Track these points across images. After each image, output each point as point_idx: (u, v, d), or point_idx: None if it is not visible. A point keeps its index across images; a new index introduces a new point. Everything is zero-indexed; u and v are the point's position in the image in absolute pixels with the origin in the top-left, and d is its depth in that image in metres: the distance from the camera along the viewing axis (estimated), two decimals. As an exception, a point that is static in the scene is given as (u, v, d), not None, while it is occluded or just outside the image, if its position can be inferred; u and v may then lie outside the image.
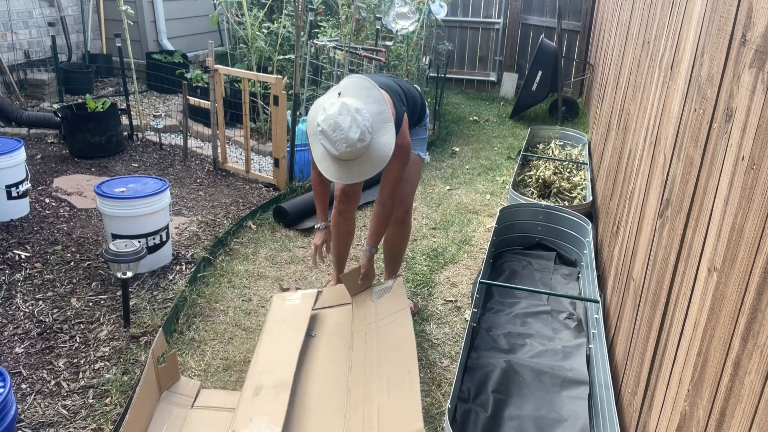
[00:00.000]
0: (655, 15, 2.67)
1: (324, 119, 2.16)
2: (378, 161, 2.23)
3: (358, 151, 2.16)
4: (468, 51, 8.21)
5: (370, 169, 2.23)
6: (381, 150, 2.22)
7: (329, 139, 2.16)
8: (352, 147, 2.14)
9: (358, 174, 2.24)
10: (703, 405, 1.22)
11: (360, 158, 2.21)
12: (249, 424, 2.08)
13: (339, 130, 2.13)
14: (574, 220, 3.36)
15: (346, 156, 2.18)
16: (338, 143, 2.14)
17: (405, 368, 2.24)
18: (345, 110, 2.14)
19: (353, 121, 2.13)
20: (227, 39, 7.43)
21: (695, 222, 1.47)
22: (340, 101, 2.16)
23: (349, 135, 2.12)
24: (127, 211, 3.03)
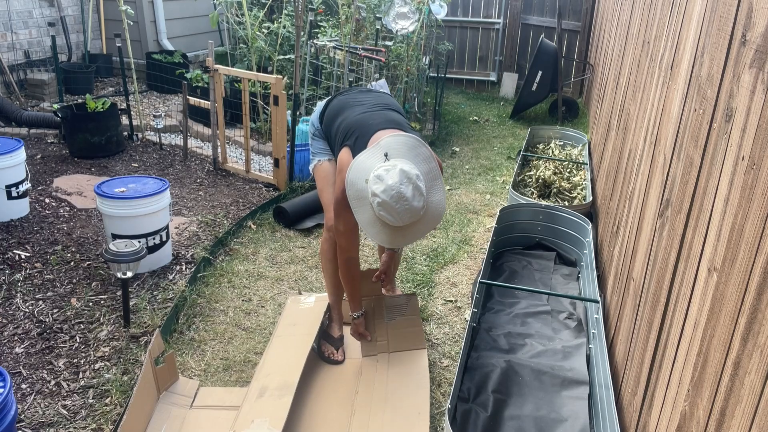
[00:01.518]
0: (655, 15, 2.67)
1: (384, 190, 1.97)
2: (431, 221, 2.12)
3: (419, 218, 2.06)
4: (468, 51, 8.21)
5: (423, 229, 2.12)
6: (435, 209, 2.10)
7: (391, 211, 1.99)
8: (414, 216, 2.02)
9: (411, 236, 2.13)
10: (703, 405, 1.22)
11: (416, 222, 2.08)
12: (250, 425, 2.08)
13: (403, 201, 1.97)
14: (574, 220, 3.36)
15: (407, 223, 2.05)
16: (402, 214, 2.00)
17: (416, 409, 2.26)
18: (406, 179, 1.98)
19: (416, 189, 1.99)
20: (227, 39, 7.43)
21: (695, 222, 1.47)
22: (397, 168, 2.00)
23: (413, 205, 1.99)
24: (127, 211, 3.03)
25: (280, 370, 2.35)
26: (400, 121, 2.35)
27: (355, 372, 2.50)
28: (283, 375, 2.32)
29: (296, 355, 2.42)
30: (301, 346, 2.48)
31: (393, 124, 2.28)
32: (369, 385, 2.41)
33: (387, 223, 2.05)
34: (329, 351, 2.60)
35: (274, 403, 2.17)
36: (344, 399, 2.36)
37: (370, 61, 4.93)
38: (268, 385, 2.27)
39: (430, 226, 2.14)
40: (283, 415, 2.09)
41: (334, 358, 2.57)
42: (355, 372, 2.50)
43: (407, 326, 2.64)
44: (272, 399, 2.19)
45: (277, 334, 2.61)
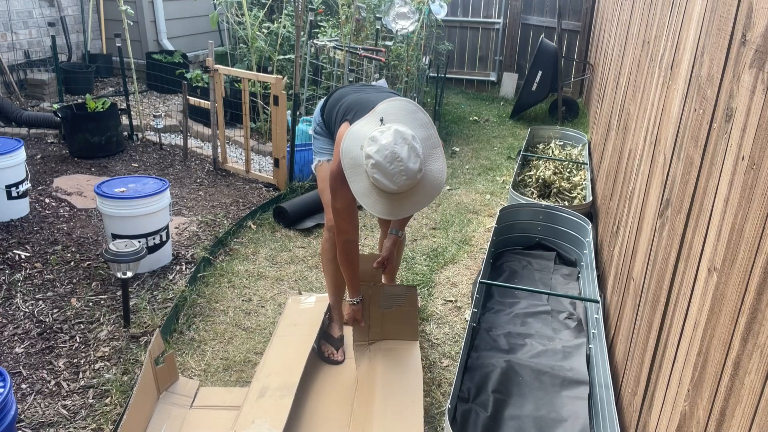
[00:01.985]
0: (655, 15, 2.67)
1: (377, 150, 1.89)
2: (431, 191, 2.01)
3: (415, 182, 1.95)
4: (468, 51, 8.21)
5: (422, 200, 2.01)
6: (434, 178, 2.00)
7: (385, 173, 1.90)
8: (412, 179, 1.92)
9: (409, 207, 2.01)
10: (703, 405, 1.22)
11: (413, 190, 1.98)
12: (251, 425, 2.08)
13: (398, 162, 1.88)
14: (574, 220, 3.36)
15: (403, 188, 1.94)
16: (397, 176, 1.89)
17: (410, 398, 2.27)
18: (401, 138, 1.89)
19: (411, 150, 1.90)
20: (227, 39, 7.43)
21: (695, 222, 1.47)
22: (392, 129, 1.92)
23: (409, 166, 1.89)
24: (127, 211, 3.03)
25: (280, 371, 2.36)
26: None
27: (355, 371, 2.50)
28: (283, 375, 2.32)
29: (297, 356, 2.42)
30: (302, 346, 2.49)
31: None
32: (365, 381, 2.43)
33: (383, 189, 1.96)
34: (329, 351, 2.60)
35: (275, 403, 2.17)
36: (344, 398, 2.36)
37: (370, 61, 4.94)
38: (268, 386, 2.27)
39: (429, 197, 2.02)
40: (284, 415, 2.09)
41: (334, 358, 2.57)
42: (355, 371, 2.50)
43: (402, 317, 2.61)
44: (273, 399, 2.19)
45: (278, 334, 2.61)
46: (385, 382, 2.37)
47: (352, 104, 2.30)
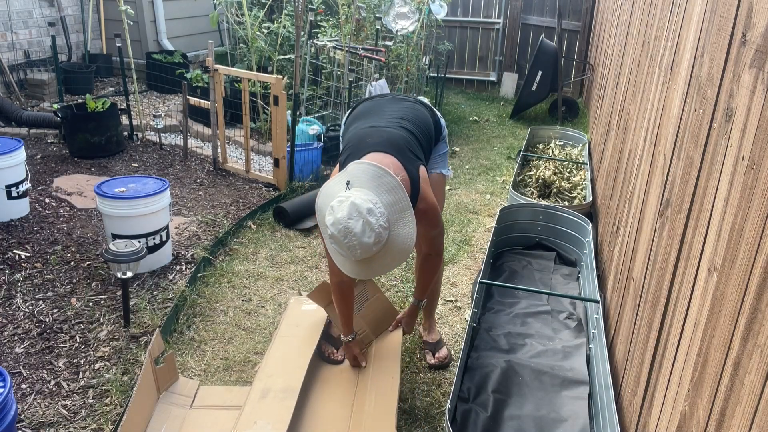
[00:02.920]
0: (655, 15, 2.67)
1: (333, 223, 1.89)
2: (399, 255, 1.99)
3: (375, 253, 1.93)
4: (468, 51, 8.21)
5: (390, 263, 2.01)
6: (401, 243, 1.97)
7: (340, 245, 1.91)
8: (367, 252, 1.90)
9: (378, 269, 2.02)
10: (703, 405, 1.22)
11: (378, 254, 1.97)
12: (253, 426, 2.09)
13: (351, 236, 1.87)
14: (574, 220, 3.36)
15: (362, 258, 1.94)
16: (351, 249, 1.90)
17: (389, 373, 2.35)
18: (355, 213, 1.86)
19: (366, 225, 1.86)
20: (227, 39, 7.43)
21: (695, 222, 1.47)
22: (349, 201, 1.88)
23: (363, 240, 1.87)
24: (127, 211, 3.03)
25: (283, 372, 2.36)
26: (402, 143, 2.20)
27: (355, 371, 2.51)
28: (286, 377, 2.32)
29: (299, 358, 2.43)
30: (304, 349, 2.49)
31: (388, 147, 2.14)
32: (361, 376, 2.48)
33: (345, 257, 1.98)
34: (329, 351, 2.60)
35: (277, 405, 2.17)
36: (344, 399, 2.36)
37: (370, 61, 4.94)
38: (271, 387, 2.27)
39: (398, 260, 2.01)
40: (287, 418, 2.09)
41: (334, 358, 2.57)
42: (355, 371, 2.51)
43: (376, 307, 2.69)
44: (275, 401, 2.19)
45: (280, 334, 2.62)
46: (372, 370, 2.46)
47: (351, 141, 2.24)
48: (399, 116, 2.33)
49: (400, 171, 2.09)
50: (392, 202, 1.97)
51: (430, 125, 2.43)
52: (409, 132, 2.27)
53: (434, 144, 2.50)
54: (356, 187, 1.96)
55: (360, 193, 1.92)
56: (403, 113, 2.35)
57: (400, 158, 2.13)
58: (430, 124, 2.43)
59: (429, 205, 2.19)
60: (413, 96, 2.71)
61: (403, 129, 2.26)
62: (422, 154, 2.29)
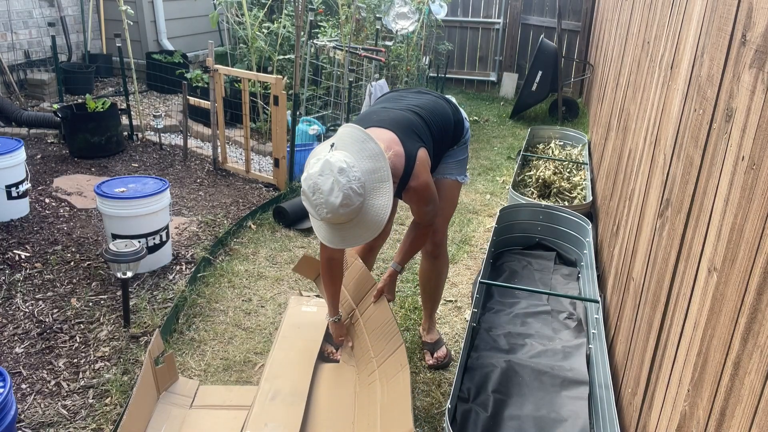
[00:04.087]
0: (655, 15, 2.67)
1: (305, 179, 1.89)
2: (372, 226, 1.94)
3: (343, 216, 1.88)
4: (468, 51, 8.21)
5: (363, 234, 1.96)
6: (374, 214, 1.93)
7: (309, 202, 1.89)
8: (333, 213, 1.86)
9: (351, 239, 1.97)
10: (703, 405, 1.22)
11: (351, 222, 1.93)
12: (264, 428, 2.11)
13: (319, 193, 1.85)
14: (574, 220, 3.36)
15: (331, 221, 1.92)
16: (318, 208, 1.87)
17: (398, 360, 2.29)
18: (327, 170, 1.84)
19: (335, 183, 1.83)
20: (227, 39, 7.43)
21: (695, 222, 1.47)
22: (324, 158, 1.87)
23: (329, 199, 1.84)
24: (127, 211, 3.03)
25: (289, 374, 2.40)
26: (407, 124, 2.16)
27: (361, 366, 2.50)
28: (293, 380, 2.36)
29: (304, 361, 2.47)
30: (308, 351, 2.52)
31: (391, 125, 2.12)
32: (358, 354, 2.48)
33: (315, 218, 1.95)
34: (329, 350, 2.60)
35: (287, 409, 2.21)
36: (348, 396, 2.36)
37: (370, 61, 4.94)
38: (279, 389, 2.31)
39: (370, 231, 1.96)
40: (297, 422, 2.14)
41: (334, 358, 2.57)
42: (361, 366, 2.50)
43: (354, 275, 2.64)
44: (284, 405, 2.23)
45: (282, 335, 2.62)
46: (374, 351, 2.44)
47: (358, 119, 2.24)
48: (415, 104, 2.30)
49: (395, 145, 2.06)
50: (371, 169, 1.93)
51: (449, 120, 2.36)
52: (421, 118, 2.23)
53: (454, 141, 2.42)
54: (339, 149, 1.94)
55: (339, 154, 1.90)
56: (422, 103, 2.32)
57: (400, 135, 2.10)
58: (449, 119, 2.36)
59: (420, 183, 2.13)
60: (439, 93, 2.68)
61: (415, 114, 2.23)
62: (431, 142, 2.23)
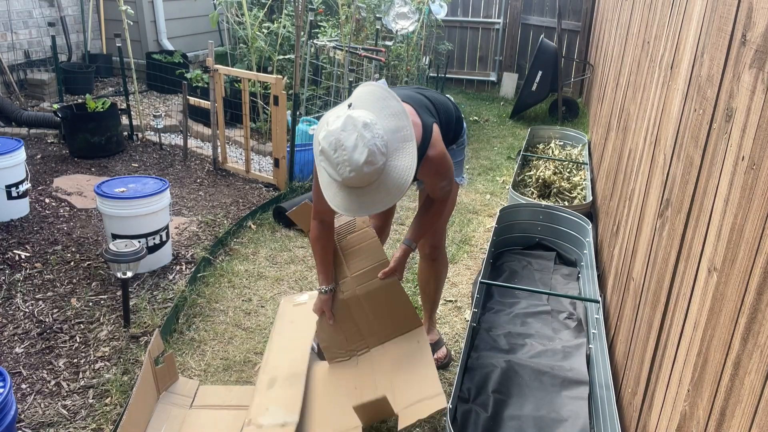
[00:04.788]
0: (655, 15, 2.67)
1: (325, 136, 1.76)
2: (394, 189, 1.81)
3: (366, 176, 1.76)
4: (468, 51, 8.21)
5: (384, 199, 1.82)
6: (398, 176, 1.81)
7: (330, 161, 1.76)
8: (357, 172, 1.73)
9: (369, 205, 1.83)
10: (703, 405, 1.22)
11: (372, 185, 1.80)
12: (265, 412, 2.10)
13: (341, 150, 1.72)
14: (574, 220, 3.36)
15: (352, 182, 1.78)
16: (340, 166, 1.74)
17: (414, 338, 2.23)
18: (350, 125, 1.73)
19: (359, 138, 1.72)
20: (227, 39, 7.43)
21: (695, 222, 1.47)
22: (346, 114, 1.76)
23: (353, 156, 1.71)
24: (127, 211, 3.03)
25: (286, 363, 2.38)
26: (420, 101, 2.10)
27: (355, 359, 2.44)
28: (290, 366, 2.34)
29: (299, 349, 2.44)
30: (302, 339, 2.50)
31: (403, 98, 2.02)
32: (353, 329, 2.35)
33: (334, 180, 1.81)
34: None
35: (286, 392, 2.19)
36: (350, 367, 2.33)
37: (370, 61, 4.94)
38: (277, 377, 2.29)
39: (392, 196, 1.82)
40: (298, 401, 2.12)
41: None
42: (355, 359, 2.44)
43: (360, 242, 2.38)
44: (283, 389, 2.22)
45: (277, 332, 2.62)
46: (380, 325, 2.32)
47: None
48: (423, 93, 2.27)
49: (412, 115, 1.98)
50: (394, 128, 1.82)
51: (452, 113, 2.33)
52: (430, 102, 2.18)
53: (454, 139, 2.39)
54: (359, 108, 1.82)
55: (361, 111, 1.79)
56: (428, 93, 2.29)
57: (415, 107, 2.04)
58: (452, 113, 2.33)
59: (438, 152, 2.02)
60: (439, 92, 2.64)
61: (425, 98, 2.19)
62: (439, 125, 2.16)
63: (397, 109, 1.85)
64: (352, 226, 2.43)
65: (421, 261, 2.60)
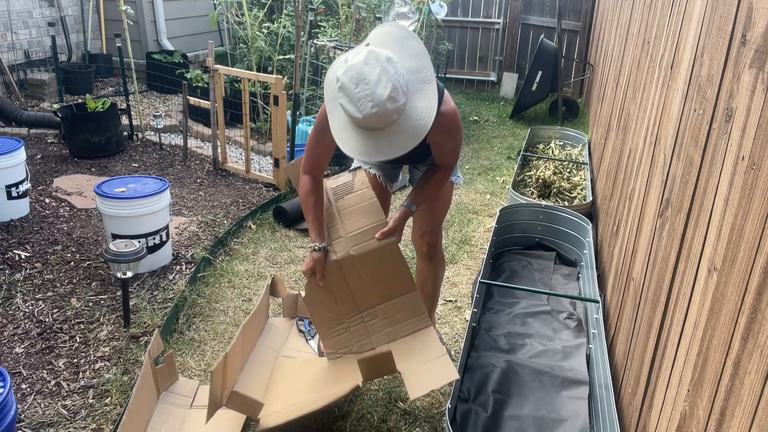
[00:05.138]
0: (655, 15, 2.67)
1: (345, 71, 1.69)
2: (414, 132, 1.74)
3: (388, 114, 1.69)
4: (468, 51, 8.21)
5: (402, 142, 1.74)
6: (418, 117, 1.73)
7: (350, 98, 1.68)
8: (380, 107, 1.66)
9: (387, 148, 1.75)
10: (703, 405, 1.22)
11: (390, 127, 1.73)
12: None
13: (364, 84, 1.65)
14: (574, 220, 3.36)
15: (373, 122, 1.70)
16: (362, 102, 1.66)
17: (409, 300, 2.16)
18: (373, 59, 1.67)
19: (383, 72, 1.66)
20: (227, 39, 7.43)
21: (695, 222, 1.47)
22: (368, 49, 1.69)
23: (376, 91, 1.65)
24: (127, 211, 3.03)
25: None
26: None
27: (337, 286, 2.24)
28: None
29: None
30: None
31: None
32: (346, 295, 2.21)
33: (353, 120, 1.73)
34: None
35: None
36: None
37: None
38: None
39: (411, 139, 1.75)
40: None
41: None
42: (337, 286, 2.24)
43: (358, 203, 2.24)
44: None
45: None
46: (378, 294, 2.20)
47: None
48: None
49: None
50: (414, 68, 1.76)
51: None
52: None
53: None
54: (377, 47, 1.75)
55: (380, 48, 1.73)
56: None
57: None
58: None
59: (452, 108, 1.96)
60: None
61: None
62: None
63: (417, 50, 1.79)
64: (349, 186, 2.30)
65: (419, 261, 2.58)
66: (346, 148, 1.80)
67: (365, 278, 2.19)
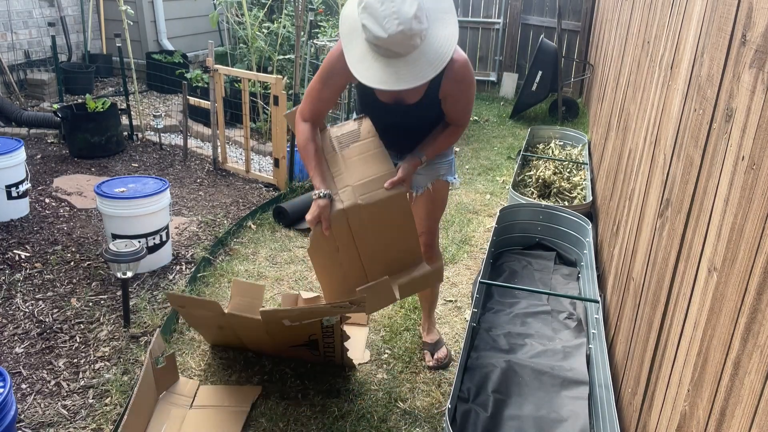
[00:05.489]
0: (655, 15, 2.67)
1: None
2: (435, 60, 1.73)
3: (413, 35, 1.68)
4: (468, 51, 8.21)
5: (423, 70, 1.73)
6: (440, 45, 1.73)
7: (375, 16, 1.67)
8: (405, 25, 1.66)
9: (407, 76, 1.73)
10: (703, 405, 1.22)
11: (412, 54, 1.71)
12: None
13: (390, 2, 1.65)
14: (574, 220, 3.36)
15: (397, 41, 1.68)
16: (388, 20, 1.65)
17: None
18: None
19: None
20: (227, 39, 7.43)
21: (695, 222, 1.47)
22: None
23: (402, 8, 1.65)
24: (127, 211, 3.03)
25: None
26: None
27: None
28: None
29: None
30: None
31: None
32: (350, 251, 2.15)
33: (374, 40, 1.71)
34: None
35: None
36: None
37: (370, 61, 4.93)
38: None
39: (432, 67, 1.74)
40: None
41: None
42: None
43: (365, 151, 2.16)
44: None
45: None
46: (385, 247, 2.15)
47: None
48: None
49: None
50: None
51: None
52: None
53: None
54: None
55: None
56: None
57: None
58: None
59: (463, 57, 1.95)
60: None
61: None
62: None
63: None
64: (355, 134, 2.21)
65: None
66: (363, 77, 1.77)
67: (370, 228, 2.11)
